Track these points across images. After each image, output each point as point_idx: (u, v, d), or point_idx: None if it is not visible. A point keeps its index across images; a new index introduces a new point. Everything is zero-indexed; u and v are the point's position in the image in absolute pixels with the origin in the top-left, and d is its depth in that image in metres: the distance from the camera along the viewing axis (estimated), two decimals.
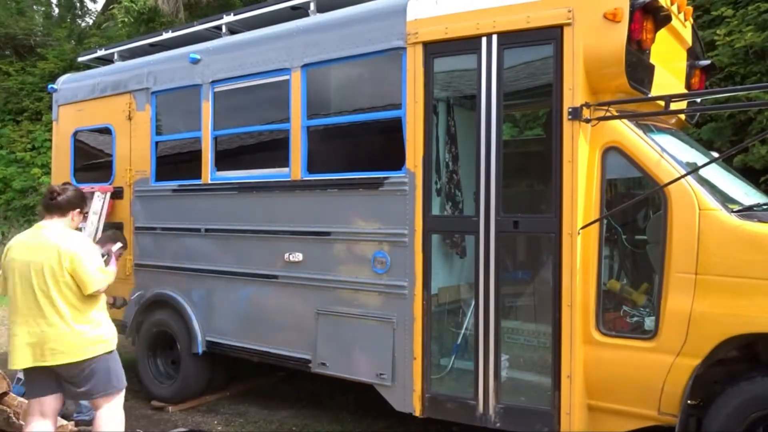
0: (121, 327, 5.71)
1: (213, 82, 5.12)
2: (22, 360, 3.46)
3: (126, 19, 12.46)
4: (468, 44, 3.89)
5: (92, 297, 3.53)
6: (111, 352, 3.62)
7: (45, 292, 3.43)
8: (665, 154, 3.48)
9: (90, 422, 4.65)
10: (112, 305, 4.96)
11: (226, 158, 5.25)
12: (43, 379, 3.55)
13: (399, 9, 4.13)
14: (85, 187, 5.81)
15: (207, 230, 5.17)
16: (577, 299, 3.55)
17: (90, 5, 19.86)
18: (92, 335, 3.51)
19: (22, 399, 4.18)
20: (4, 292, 3.61)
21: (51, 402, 3.61)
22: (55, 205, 3.59)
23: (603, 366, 3.55)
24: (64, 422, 3.98)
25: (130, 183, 5.75)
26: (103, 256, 3.83)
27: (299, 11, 4.87)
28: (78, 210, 3.70)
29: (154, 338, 5.52)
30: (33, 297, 3.44)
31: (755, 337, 3.22)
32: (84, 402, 4.70)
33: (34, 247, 3.50)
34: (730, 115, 6.77)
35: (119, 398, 3.69)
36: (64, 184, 3.77)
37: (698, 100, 5.00)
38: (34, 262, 3.46)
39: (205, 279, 5.15)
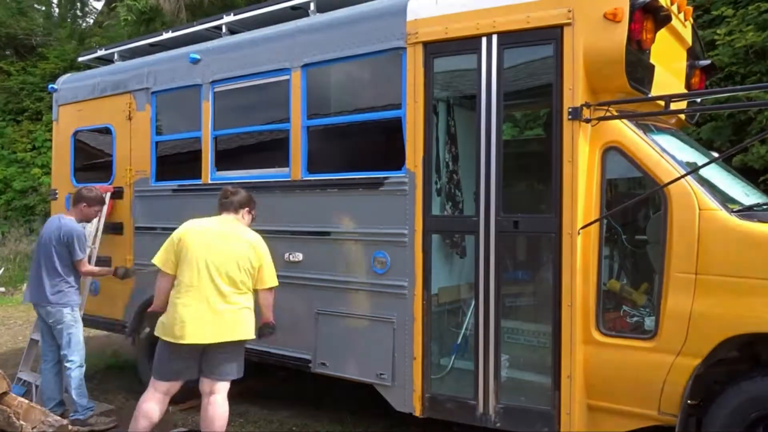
0: (120, 327, 5.74)
1: (213, 82, 5.13)
2: (202, 334, 3.69)
3: (129, 18, 12.47)
4: (468, 44, 3.89)
5: (268, 292, 3.97)
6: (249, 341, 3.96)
7: (230, 277, 3.75)
8: (665, 154, 3.48)
9: (85, 422, 4.66)
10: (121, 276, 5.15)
11: (226, 158, 5.25)
12: (189, 360, 3.79)
13: (399, 9, 4.13)
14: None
15: None
16: (577, 299, 3.55)
17: (90, 5, 19.85)
18: (252, 321, 3.89)
19: (22, 399, 4.17)
20: (173, 269, 3.84)
21: (179, 386, 3.89)
22: (229, 203, 4.00)
23: (603, 366, 3.55)
24: (64, 421, 3.97)
25: (130, 183, 5.75)
26: None
27: (299, 11, 4.87)
28: (248, 209, 4.08)
29: (155, 338, 5.50)
30: (219, 278, 3.74)
31: (755, 337, 3.22)
32: (80, 402, 4.70)
33: (220, 233, 3.86)
34: (730, 115, 6.78)
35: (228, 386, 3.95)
36: (236, 187, 4.15)
37: (698, 100, 5.00)
38: (220, 247, 3.79)
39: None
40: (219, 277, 3.75)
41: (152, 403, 3.83)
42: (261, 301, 3.98)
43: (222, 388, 3.86)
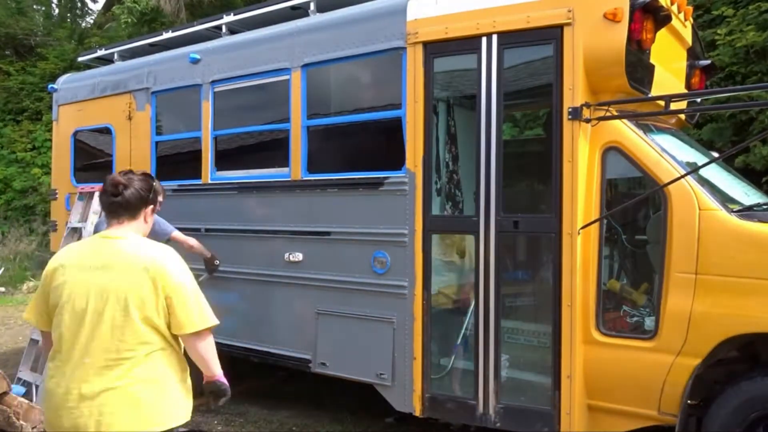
0: None
1: (213, 82, 5.12)
2: (72, 425, 2.31)
3: (129, 20, 12.46)
4: (468, 44, 3.89)
5: (195, 341, 2.43)
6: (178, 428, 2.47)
7: (119, 332, 2.31)
8: (665, 154, 3.48)
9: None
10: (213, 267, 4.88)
11: (226, 158, 5.25)
12: None
13: (399, 9, 4.13)
14: (85, 187, 5.83)
15: (207, 230, 5.17)
16: (577, 299, 3.55)
17: (91, 5, 19.85)
18: (174, 400, 2.44)
19: (22, 399, 4.17)
20: (47, 326, 2.48)
21: None
22: (123, 203, 2.46)
23: (603, 366, 3.55)
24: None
25: None
26: None
27: (299, 11, 4.87)
28: (152, 207, 2.59)
29: None
30: (99, 337, 2.31)
31: (755, 337, 3.22)
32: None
33: (100, 265, 2.38)
34: (731, 115, 6.77)
35: None
36: (126, 172, 2.58)
37: (698, 100, 5.00)
38: (104, 287, 2.34)
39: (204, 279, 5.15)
40: (100, 334, 2.31)
41: None
42: (190, 354, 2.48)
43: None
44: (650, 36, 3.69)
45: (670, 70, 4.27)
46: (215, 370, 2.54)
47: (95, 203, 5.63)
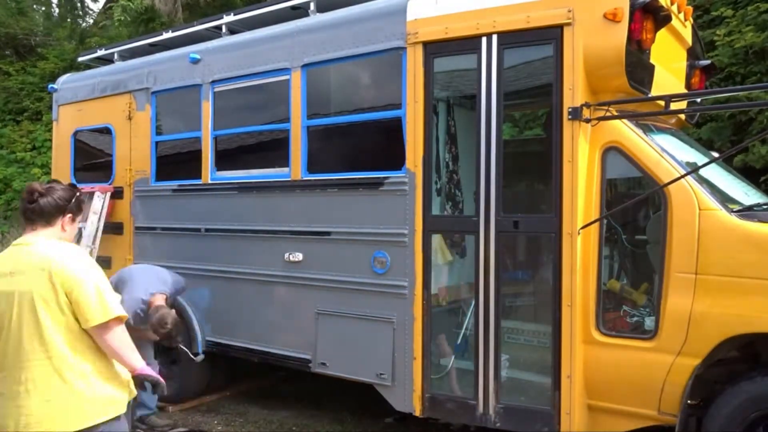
0: None
1: (213, 82, 5.12)
2: (9, 423, 2.39)
3: (123, 18, 12.45)
4: (468, 44, 3.89)
5: (102, 333, 2.46)
6: (122, 413, 2.56)
7: (29, 334, 2.40)
8: (665, 154, 3.48)
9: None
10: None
11: (226, 158, 5.25)
12: None
13: (399, 9, 4.13)
14: (86, 187, 5.83)
15: (207, 230, 5.17)
16: (577, 299, 3.55)
17: (91, 5, 19.85)
18: (96, 396, 2.47)
19: None
20: None
21: None
22: (37, 210, 2.55)
23: (603, 366, 3.55)
24: None
25: (130, 183, 5.75)
26: None
27: (299, 11, 4.87)
28: (70, 215, 2.65)
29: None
30: (12, 342, 2.41)
31: (755, 337, 3.22)
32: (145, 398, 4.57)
33: (12, 272, 2.45)
34: (731, 115, 6.77)
35: None
36: (50, 181, 2.74)
37: (698, 100, 5.00)
38: (15, 292, 2.41)
39: (205, 279, 5.15)
40: (14, 339, 2.41)
41: None
42: (103, 349, 2.49)
43: None
44: (650, 36, 3.69)
45: (670, 70, 4.28)
46: (134, 363, 2.55)
47: (95, 203, 5.64)
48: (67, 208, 2.62)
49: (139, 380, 2.58)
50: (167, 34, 5.86)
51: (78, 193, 2.70)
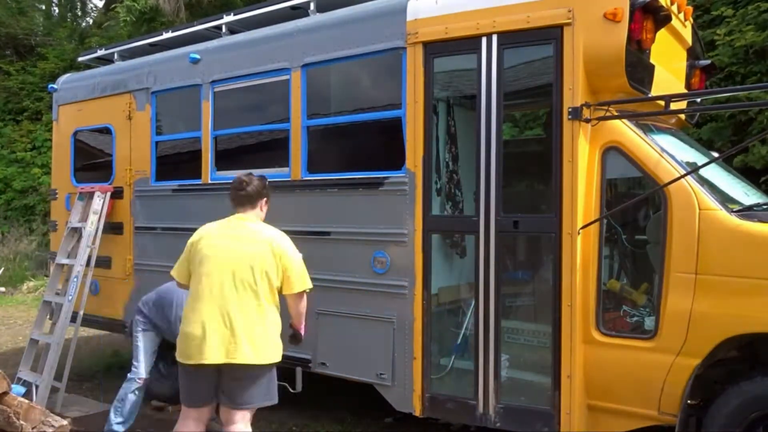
0: (121, 327, 5.74)
1: (213, 82, 5.12)
2: (213, 354, 3.16)
3: (128, 18, 12.46)
4: (468, 44, 3.89)
5: (299, 299, 3.42)
6: (276, 364, 3.36)
7: (247, 287, 3.23)
8: (665, 154, 3.49)
9: None
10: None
11: (226, 158, 5.25)
12: (206, 383, 3.28)
13: (399, 9, 4.13)
14: (85, 187, 5.83)
15: None
16: (577, 299, 3.55)
17: (91, 4, 19.85)
18: (277, 341, 3.32)
19: (22, 399, 4.17)
20: (187, 280, 3.41)
21: (208, 411, 3.42)
22: (245, 195, 3.46)
23: (603, 366, 3.55)
24: (64, 421, 3.96)
25: (130, 183, 5.75)
26: None
27: (299, 11, 4.87)
28: (265, 199, 3.59)
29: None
30: (229, 290, 3.22)
31: (755, 337, 3.22)
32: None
33: (234, 237, 3.35)
34: (731, 115, 6.77)
35: (252, 413, 3.42)
36: (248, 174, 3.58)
37: (698, 100, 5.00)
38: (239, 254, 3.28)
39: None
40: (233, 288, 3.23)
41: (185, 425, 3.36)
42: (291, 309, 3.47)
43: (239, 418, 3.28)
44: (650, 36, 3.69)
45: (670, 70, 4.28)
46: (303, 323, 3.55)
47: (95, 203, 5.63)
48: (263, 193, 3.55)
49: (294, 332, 3.57)
50: (167, 34, 5.86)
51: (267, 182, 3.63)
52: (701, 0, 7.51)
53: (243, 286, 3.24)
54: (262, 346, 3.23)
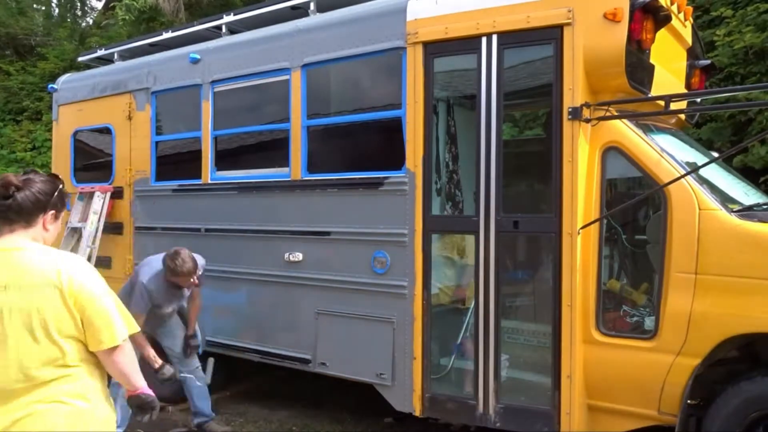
0: None
1: (213, 82, 5.12)
2: None
3: (127, 17, 12.46)
4: (468, 44, 3.89)
5: (111, 355, 2.18)
6: None
7: (28, 357, 2.06)
8: (665, 154, 3.49)
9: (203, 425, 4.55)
10: (162, 377, 4.21)
11: (226, 158, 5.25)
12: None
13: (399, 9, 4.13)
14: (85, 187, 5.83)
15: (207, 230, 5.17)
16: (577, 299, 3.55)
17: (89, 5, 19.85)
18: (97, 417, 2.18)
19: None
20: None
21: None
22: (14, 207, 2.15)
23: (603, 366, 3.55)
24: None
25: (130, 183, 5.75)
26: None
27: (299, 11, 4.87)
28: (53, 212, 2.26)
29: (154, 339, 5.51)
30: (6, 366, 2.05)
31: (755, 337, 3.22)
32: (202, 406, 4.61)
33: (4, 283, 2.08)
34: (730, 116, 6.77)
35: None
36: (27, 172, 2.29)
37: (698, 100, 5.00)
38: (8, 309, 2.06)
39: (204, 279, 5.14)
40: (7, 364, 2.05)
41: None
42: (109, 370, 2.24)
43: None
44: (650, 36, 3.69)
45: (670, 70, 4.28)
46: (138, 383, 2.32)
47: (95, 203, 5.63)
48: (49, 203, 2.21)
49: (137, 402, 2.35)
50: (167, 34, 5.86)
51: (61, 185, 2.29)
52: (701, 0, 7.51)
53: (28, 355, 2.05)
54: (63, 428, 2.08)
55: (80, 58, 6.99)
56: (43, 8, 19.69)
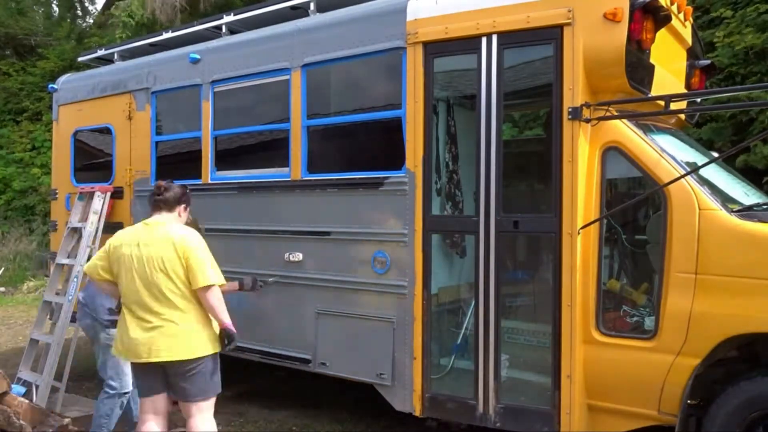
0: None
1: (213, 82, 5.13)
2: (134, 354, 3.38)
3: (124, 35, 12.57)
4: (468, 44, 3.89)
5: (204, 293, 3.37)
6: (215, 354, 3.50)
7: (159, 288, 3.34)
8: (665, 154, 3.49)
9: None
10: (249, 288, 4.61)
11: (226, 158, 5.25)
12: (153, 376, 3.47)
13: (399, 9, 4.13)
14: (85, 187, 5.83)
15: (207, 230, 5.14)
16: (577, 299, 3.55)
17: (90, 6, 19.87)
18: (202, 335, 3.41)
19: (22, 399, 4.17)
20: (99, 275, 3.55)
21: (162, 400, 3.53)
22: (162, 200, 3.57)
23: (603, 366, 3.55)
24: (64, 421, 3.96)
25: (130, 183, 5.75)
26: None
27: (299, 11, 4.87)
28: (184, 206, 3.67)
29: None
30: (146, 291, 3.36)
31: (755, 337, 3.22)
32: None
33: (146, 240, 3.42)
34: (732, 116, 6.77)
35: (211, 404, 3.54)
36: (168, 182, 3.70)
37: (698, 100, 5.00)
38: (147, 256, 3.38)
39: None
40: (147, 290, 3.37)
41: (147, 425, 3.52)
42: (204, 306, 3.44)
43: (195, 410, 3.46)
44: (650, 36, 3.69)
45: (670, 70, 4.28)
46: (223, 319, 3.44)
47: (95, 203, 5.63)
48: (182, 199, 3.65)
49: (222, 334, 3.46)
50: (167, 35, 5.87)
51: (188, 190, 3.73)
52: (701, 1, 7.51)
53: (156, 289, 3.35)
54: (184, 341, 3.35)
55: (80, 58, 6.99)
56: (43, 9, 19.70)
